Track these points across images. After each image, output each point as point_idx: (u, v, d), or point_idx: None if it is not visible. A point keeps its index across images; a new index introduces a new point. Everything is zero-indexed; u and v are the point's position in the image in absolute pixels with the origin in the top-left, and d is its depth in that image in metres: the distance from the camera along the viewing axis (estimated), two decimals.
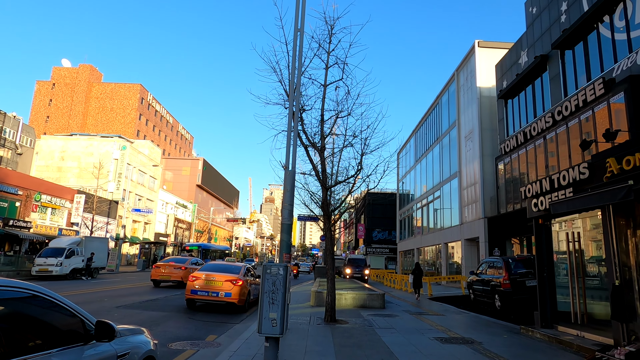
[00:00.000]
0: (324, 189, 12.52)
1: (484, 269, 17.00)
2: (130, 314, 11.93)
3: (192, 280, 13.75)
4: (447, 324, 12.18)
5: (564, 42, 17.03)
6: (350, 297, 16.07)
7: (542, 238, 10.84)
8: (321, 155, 12.89)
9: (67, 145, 50.94)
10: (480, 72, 26.45)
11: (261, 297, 6.56)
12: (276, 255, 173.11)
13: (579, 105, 15.35)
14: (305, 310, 14.28)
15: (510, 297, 14.33)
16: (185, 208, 72.96)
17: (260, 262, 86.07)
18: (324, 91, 13.25)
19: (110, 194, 48.49)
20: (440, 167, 34.29)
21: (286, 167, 11.10)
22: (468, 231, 27.35)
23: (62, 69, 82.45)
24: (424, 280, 23.97)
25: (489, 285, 15.73)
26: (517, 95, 21.69)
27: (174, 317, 11.79)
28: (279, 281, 6.56)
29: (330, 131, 13.27)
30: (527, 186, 10.93)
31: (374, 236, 61.86)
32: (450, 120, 32.03)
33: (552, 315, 10.48)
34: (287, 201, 10.87)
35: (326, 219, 12.57)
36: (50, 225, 37.40)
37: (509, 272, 14.57)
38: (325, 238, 12.94)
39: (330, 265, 12.46)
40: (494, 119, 25.53)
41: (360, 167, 11.81)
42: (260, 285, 6.72)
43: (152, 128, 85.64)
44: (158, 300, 15.60)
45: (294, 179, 11.00)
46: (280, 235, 10.45)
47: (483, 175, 25.36)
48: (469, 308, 16.61)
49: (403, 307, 16.37)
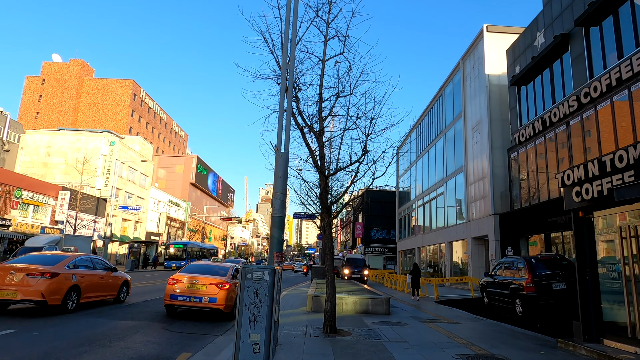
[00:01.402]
0: (323, 177, 10.72)
1: (500, 270, 15.24)
2: (94, 324, 10.08)
3: (172, 284, 11.93)
4: (465, 334, 10.40)
5: (589, 18, 15.30)
6: (352, 302, 14.30)
7: (584, 234, 9.07)
8: (319, 139, 11.09)
9: (54, 140, 48.90)
10: (489, 59, 24.69)
11: (239, 311, 4.76)
12: None
13: (612, 84, 13.61)
14: (301, 317, 12.48)
15: (535, 303, 12.57)
16: (178, 206, 71.01)
17: (256, 261, 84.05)
18: (323, 67, 11.46)
19: (98, 191, 46.53)
20: (444, 162, 32.54)
21: (278, 149, 9.23)
22: (475, 229, 25.61)
23: (52, 64, 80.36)
24: (430, 282, 22.24)
25: (508, 289, 13.96)
26: (532, 81, 19.93)
27: (144, 328, 9.95)
28: (264, 290, 4.76)
29: (330, 112, 11.49)
30: (565, 172, 9.16)
31: (372, 235, 60.10)
32: (455, 112, 30.28)
33: (598, 326, 8.72)
34: (279, 189, 9.01)
35: (325, 212, 10.77)
36: (32, 224, 35.41)
37: (533, 274, 12.81)
38: (324, 235, 11.13)
39: (329, 266, 10.66)
40: (504, 109, 23.80)
41: (365, 150, 10.00)
42: (238, 296, 4.90)
43: (145, 125, 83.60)
44: (135, 306, 13.74)
45: (287, 162, 9.13)
46: (270, 230, 8.62)
47: (492, 169, 23.61)
48: (484, 314, 14.86)
49: (410, 313, 14.60)
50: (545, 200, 17.96)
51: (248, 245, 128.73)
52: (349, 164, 10.33)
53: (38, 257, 12.14)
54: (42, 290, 10.58)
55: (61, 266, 11.65)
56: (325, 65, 11.51)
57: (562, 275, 12.80)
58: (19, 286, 10.53)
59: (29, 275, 10.69)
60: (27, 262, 11.63)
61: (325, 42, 11.59)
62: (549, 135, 17.88)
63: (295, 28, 9.77)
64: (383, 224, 59.31)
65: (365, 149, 9.94)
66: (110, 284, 13.77)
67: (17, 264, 11.28)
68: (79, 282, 11.95)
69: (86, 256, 13.30)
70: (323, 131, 11.26)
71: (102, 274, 13.33)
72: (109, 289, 13.70)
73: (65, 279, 11.39)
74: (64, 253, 13.42)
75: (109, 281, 13.65)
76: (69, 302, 11.46)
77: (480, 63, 25.50)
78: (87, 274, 12.49)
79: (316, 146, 11.18)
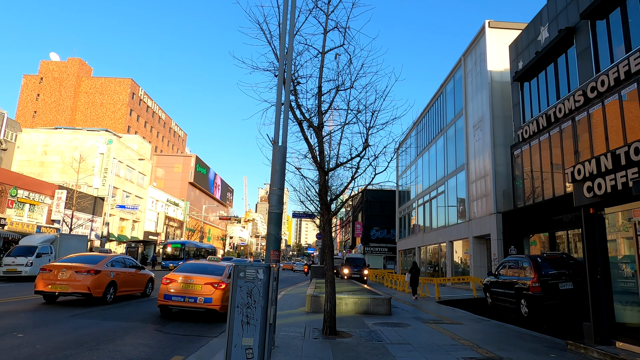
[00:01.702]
0: (322, 172, 10.33)
1: (504, 270, 14.85)
2: (83, 325, 9.68)
3: (166, 283, 11.54)
4: (470, 336, 10.01)
5: (595, 11, 14.90)
6: (352, 302, 13.91)
7: (595, 231, 8.68)
8: (318, 133, 10.71)
9: (51, 139, 48.43)
10: (491, 55, 24.29)
11: (230, 313, 4.36)
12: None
13: (620, 78, 13.22)
14: (299, 318, 12.08)
15: (541, 303, 12.17)
16: (176, 206, 70.59)
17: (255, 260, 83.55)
18: (322, 59, 11.09)
19: (95, 190, 46.10)
20: (444, 160, 32.14)
21: (275, 142, 8.84)
22: (477, 228, 25.22)
23: (50, 62, 79.88)
24: (431, 282, 21.87)
25: (513, 288, 13.57)
26: (536, 77, 19.53)
27: (136, 330, 9.55)
28: (258, 290, 4.36)
29: (330, 106, 11.10)
30: (576, 167, 8.76)
31: (372, 235, 59.65)
32: (456, 110, 29.88)
33: (610, 328, 8.33)
34: (276, 184, 8.61)
35: (324, 209, 10.37)
36: (28, 223, 34.98)
37: (539, 273, 12.41)
38: (323, 233, 10.73)
39: (329, 265, 10.27)
40: (506, 105, 23.41)
41: (366, 144, 9.59)
42: (230, 296, 4.50)
43: (144, 124, 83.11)
44: (128, 306, 13.35)
45: (284, 156, 8.73)
46: (267, 227, 8.24)
47: (495, 167, 23.21)
48: (488, 314, 14.46)
49: (412, 313, 14.21)
50: (549, 197, 17.56)
51: (247, 245, 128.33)
52: (349, 159, 9.94)
53: (83, 257, 14.02)
54: (88, 285, 12.68)
55: (102, 264, 13.54)
56: (324, 57, 11.15)
57: (569, 274, 12.41)
58: (69, 281, 12.61)
59: (77, 272, 12.74)
60: (74, 261, 13.56)
61: (324, 34, 11.22)
62: (554, 131, 17.47)
63: (294, 17, 9.39)
64: (383, 224, 58.87)
65: (367, 142, 9.54)
66: (139, 280, 15.68)
67: (66, 262, 13.35)
68: (115, 278, 13.82)
69: (120, 256, 15.19)
70: (322, 125, 10.88)
71: (132, 271, 15.22)
72: (138, 284, 15.60)
73: (105, 275, 13.37)
74: (102, 254, 15.05)
75: (138, 278, 15.55)
76: (108, 295, 13.44)
77: (482, 59, 25.09)
78: (121, 272, 14.38)
79: (315, 141, 10.81)
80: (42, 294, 12.93)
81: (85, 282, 12.63)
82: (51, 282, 12.58)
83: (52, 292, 12.61)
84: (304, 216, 34.84)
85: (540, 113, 18.66)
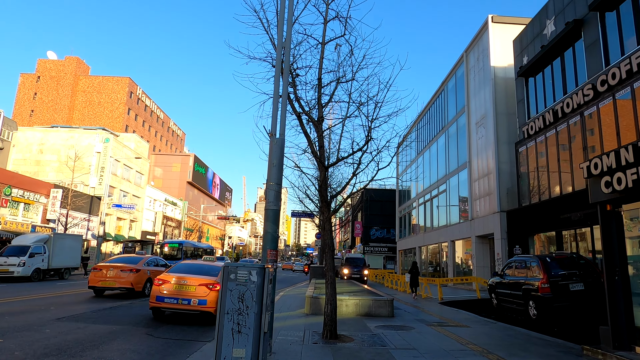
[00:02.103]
0: (322, 168, 9.81)
1: (510, 270, 14.33)
2: (69, 329, 9.14)
3: (158, 285, 11.00)
4: (479, 340, 9.49)
5: (605, 2, 14.38)
6: (353, 304, 13.40)
7: (612, 229, 8.16)
8: (318, 127, 10.19)
9: (47, 137, 47.83)
10: (495, 51, 23.75)
11: (219, 319, 3.84)
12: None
13: (633, 70, 12.70)
14: (298, 320, 11.56)
15: (551, 305, 11.65)
16: (175, 205, 70.02)
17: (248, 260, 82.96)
18: (322, 50, 10.57)
19: (92, 189, 45.53)
20: (446, 158, 31.61)
21: (272, 134, 8.31)
22: (480, 227, 24.69)
23: (47, 61, 79.28)
24: (433, 282, 21.38)
25: (520, 289, 13.05)
26: (542, 71, 18.99)
27: (125, 334, 9.01)
28: (251, 294, 3.83)
29: (330, 99, 10.57)
30: (592, 161, 8.24)
31: (372, 234, 59.10)
32: (458, 107, 29.35)
33: (629, 332, 7.81)
34: (273, 179, 8.05)
35: (324, 206, 9.84)
36: (23, 222, 34.41)
37: (548, 274, 11.89)
38: (323, 231, 10.20)
39: (329, 265, 9.75)
40: (510, 102, 22.88)
41: (369, 137, 9.05)
42: (219, 301, 3.97)
43: (142, 123, 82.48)
44: (119, 309, 12.82)
45: (282, 149, 8.17)
46: (263, 225, 7.71)
47: (498, 165, 22.68)
48: (494, 316, 13.95)
49: (415, 315, 13.69)
50: (556, 195, 17.03)
51: (246, 245, 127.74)
52: (351, 153, 9.41)
53: (125, 259, 16.78)
54: (131, 281, 15.42)
55: (140, 264, 16.21)
56: (324, 48, 10.63)
57: (579, 275, 11.89)
58: (115, 278, 15.33)
59: (121, 271, 15.42)
60: (118, 262, 16.24)
61: (324, 23, 10.69)
62: (561, 127, 16.93)
63: (292, 5, 8.88)
64: (382, 223, 58.32)
65: (370, 135, 9.00)
66: None
67: (112, 263, 15.96)
68: (151, 276, 16.29)
69: (153, 257, 17.92)
70: (322, 119, 10.36)
71: (163, 270, 16.77)
72: None
73: (144, 273, 16.07)
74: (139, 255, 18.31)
75: None
76: (145, 289, 16.13)
77: (485, 55, 24.56)
78: (155, 270, 16.77)
79: (315, 136, 10.29)
80: (93, 289, 15.63)
81: (129, 279, 15.40)
82: (101, 279, 15.28)
83: (102, 287, 15.39)
84: (303, 215, 34.28)
85: (547, 108, 18.13)
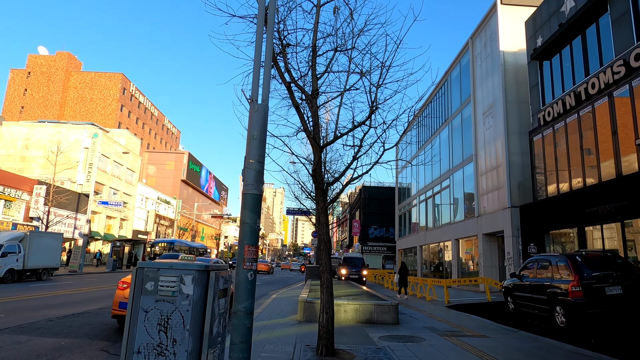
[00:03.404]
0: (317, 148, 8.13)
1: (530, 271, 12.67)
2: (3, 345, 7.42)
3: (122, 288, 9.29)
4: (506, 356, 7.80)
5: None
6: (352, 309, 11.71)
7: None
8: (313, 102, 8.53)
9: (32, 132, 45.94)
10: (504, 34, 22.09)
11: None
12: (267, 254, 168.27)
13: None
14: (289, 330, 9.85)
15: (583, 311, 9.98)
16: (168, 204, 68.19)
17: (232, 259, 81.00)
18: (317, 13, 8.89)
19: (80, 187, 43.73)
20: (449, 152, 29.95)
21: (253, 100, 6.61)
22: (488, 224, 23.04)
23: (38, 56, 77.38)
24: (439, 283, 19.73)
25: (545, 293, 11.38)
26: (558, 53, 17.35)
27: (74, 351, 7.30)
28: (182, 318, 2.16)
29: (327, 69, 8.89)
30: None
31: (370, 233, 57.45)
32: (463, 97, 27.69)
33: None
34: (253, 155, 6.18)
35: (320, 195, 8.16)
36: (3, 220, 32.58)
37: (580, 275, 10.21)
38: (319, 224, 8.48)
39: (325, 265, 8.06)
40: (521, 89, 21.24)
41: (374, 106, 7.33)
42: (125, 331, 2.27)
43: (135, 121, 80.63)
44: (82, 316, 11.09)
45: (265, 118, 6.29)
46: (240, 214, 5.99)
47: (508, 157, 21.03)
48: (512, 323, 12.28)
49: (423, 322, 12.01)
50: (579, 187, 15.36)
51: None
52: (352, 128, 7.71)
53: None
54: None
55: None
56: (320, 11, 8.96)
57: (617, 276, 10.23)
58: None
59: None
60: None
61: None
62: (585, 110, 15.26)
63: None
64: (381, 222, 56.67)
65: (375, 103, 7.28)
66: None
67: None
68: None
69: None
70: (317, 92, 8.67)
71: None
72: None
73: None
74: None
75: None
76: None
77: (494, 39, 22.90)
78: None
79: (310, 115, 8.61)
80: None
81: None
82: None
83: None
84: (298, 213, 32.66)
85: (567, 91, 16.44)
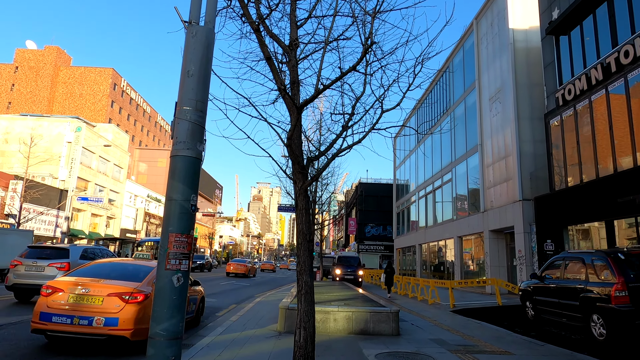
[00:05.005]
0: (294, 109, 6.08)
1: (555, 271, 10.70)
2: None
3: (46, 294, 7.23)
4: None
5: None
6: (343, 318, 9.71)
7: None
8: (291, 55, 6.51)
9: (12, 126, 43.78)
10: (513, 10, 20.15)
11: None
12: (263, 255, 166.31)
13: None
14: (264, 346, 7.83)
15: (631, 321, 8.01)
16: (158, 202, 66.10)
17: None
18: None
19: (62, 183, 41.59)
20: (451, 143, 27.99)
21: (190, 22, 4.58)
22: (495, 220, 21.08)
23: (26, 51, 75.34)
24: (443, 285, 17.73)
25: (577, 298, 9.41)
26: (579, 25, 15.41)
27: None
28: None
29: (310, 14, 6.88)
30: None
31: (367, 232, 55.45)
32: (467, 84, 25.74)
33: None
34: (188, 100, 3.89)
35: (298, 171, 6.14)
36: None
37: (626, 277, 8.24)
38: (297, 210, 6.44)
39: (304, 265, 6.07)
40: (533, 70, 19.32)
41: (369, 41, 5.29)
42: None
43: (127, 117, 78.57)
44: (15, 326, 9.04)
45: (209, 47, 4.30)
46: (167, 185, 3.82)
47: (519, 145, 19.07)
48: (534, 333, 10.28)
49: (428, 332, 10.02)
50: (608, 174, 13.38)
51: (237, 245, 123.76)
52: (339, 76, 5.63)
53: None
54: None
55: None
56: None
57: None
58: None
59: None
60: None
61: None
62: (615, 84, 13.28)
63: None
64: (378, 220, 54.70)
65: (371, 36, 5.24)
66: None
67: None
68: None
69: None
70: (297, 43, 6.64)
71: None
72: None
73: None
74: None
75: None
76: None
77: (502, 17, 20.94)
78: None
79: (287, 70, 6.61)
80: None
81: None
82: None
83: None
84: (291, 210, 30.66)
85: (593, 64, 14.44)
